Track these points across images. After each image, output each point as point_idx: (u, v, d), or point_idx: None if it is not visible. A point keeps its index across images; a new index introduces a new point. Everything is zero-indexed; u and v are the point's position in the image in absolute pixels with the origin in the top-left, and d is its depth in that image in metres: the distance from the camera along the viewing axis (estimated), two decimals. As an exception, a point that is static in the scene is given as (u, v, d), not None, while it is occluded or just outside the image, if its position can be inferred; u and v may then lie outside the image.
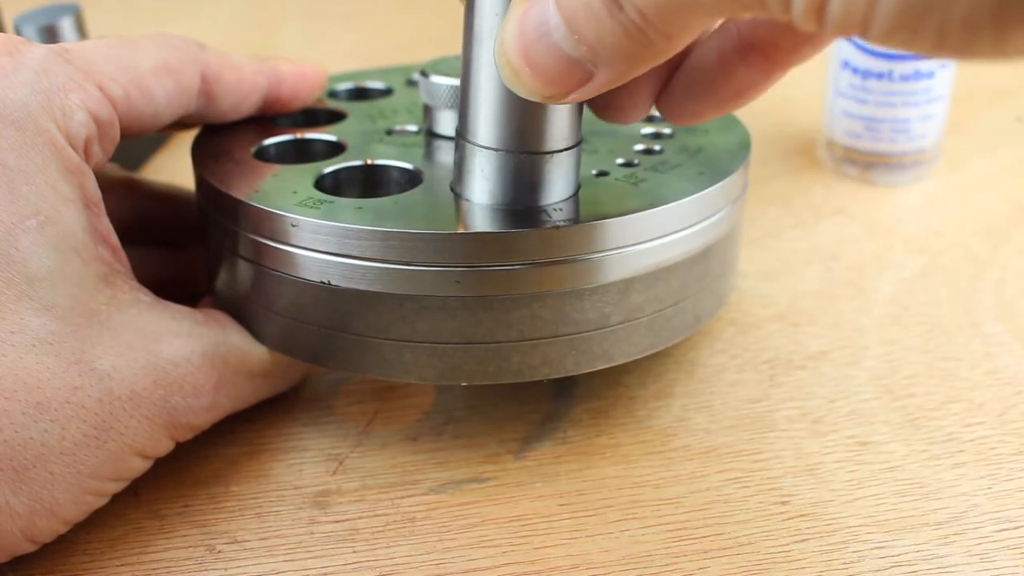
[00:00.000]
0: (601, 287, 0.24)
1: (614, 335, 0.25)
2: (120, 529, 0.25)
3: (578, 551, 0.24)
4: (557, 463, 0.27)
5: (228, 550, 0.25)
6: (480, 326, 0.24)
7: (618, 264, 0.24)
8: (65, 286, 0.23)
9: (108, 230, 0.25)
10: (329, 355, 0.26)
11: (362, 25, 0.68)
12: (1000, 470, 0.26)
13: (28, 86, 0.23)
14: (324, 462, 0.27)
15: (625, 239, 0.24)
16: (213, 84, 0.27)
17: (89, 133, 0.24)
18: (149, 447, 0.24)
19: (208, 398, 0.25)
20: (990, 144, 0.46)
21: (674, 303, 0.26)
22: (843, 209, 0.40)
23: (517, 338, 0.24)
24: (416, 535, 0.25)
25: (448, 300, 0.24)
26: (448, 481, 0.27)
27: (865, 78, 0.40)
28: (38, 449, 0.22)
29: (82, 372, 0.22)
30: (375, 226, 0.23)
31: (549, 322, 0.24)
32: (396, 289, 0.24)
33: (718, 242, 0.27)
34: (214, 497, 0.26)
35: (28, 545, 0.23)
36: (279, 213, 0.24)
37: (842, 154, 0.42)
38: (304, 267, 0.25)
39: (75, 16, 0.41)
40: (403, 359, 0.25)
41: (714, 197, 0.26)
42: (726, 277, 0.28)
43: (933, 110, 0.40)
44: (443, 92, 0.28)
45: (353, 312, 0.25)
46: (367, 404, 0.30)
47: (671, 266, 0.25)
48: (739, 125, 0.31)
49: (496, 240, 0.23)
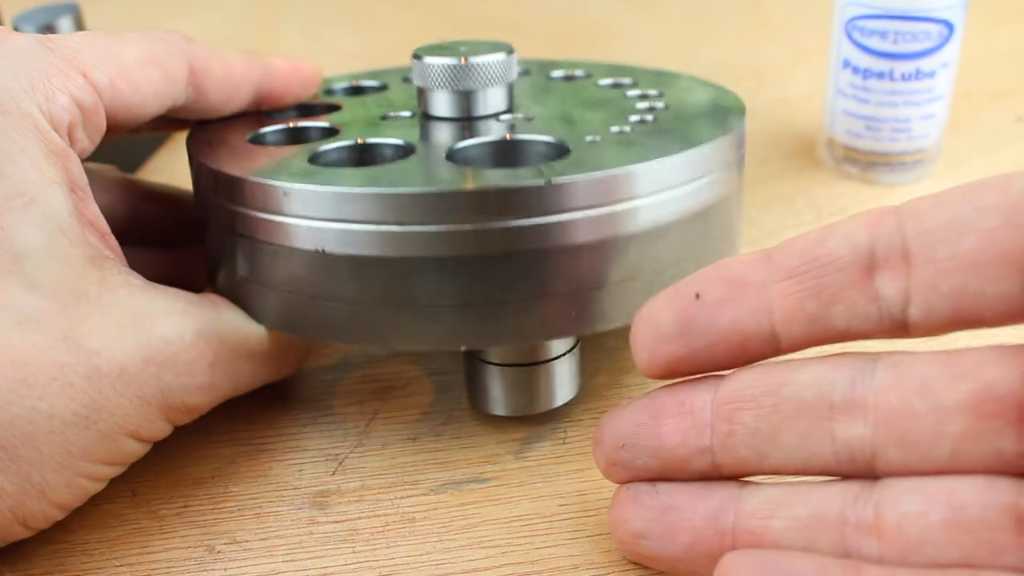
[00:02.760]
0: (599, 243, 0.24)
1: (613, 295, 0.25)
2: (119, 529, 0.25)
3: (578, 551, 0.24)
4: (557, 463, 0.27)
5: (227, 550, 0.25)
6: (477, 287, 0.24)
7: (615, 220, 0.24)
8: (52, 265, 0.22)
9: (96, 216, 0.25)
10: (326, 327, 0.25)
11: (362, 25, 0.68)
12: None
13: (10, 71, 0.23)
14: (324, 462, 0.27)
15: (620, 194, 0.24)
16: (201, 76, 0.27)
17: (72, 118, 0.24)
18: (143, 429, 0.24)
19: (203, 377, 0.24)
20: (990, 144, 0.46)
21: (674, 263, 0.26)
22: (844, 209, 0.40)
23: (515, 298, 0.24)
24: (416, 535, 0.25)
25: (444, 261, 0.23)
26: (448, 481, 0.27)
27: (866, 77, 0.40)
28: (25, 427, 0.21)
29: (70, 349, 0.22)
30: (367, 188, 0.23)
31: (547, 281, 0.24)
32: (390, 252, 0.24)
33: (716, 204, 0.27)
34: (213, 497, 0.26)
35: (21, 529, 0.23)
36: (270, 183, 0.24)
37: (843, 154, 0.42)
38: (297, 236, 0.24)
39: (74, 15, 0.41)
40: (400, 326, 0.24)
41: (709, 155, 0.26)
42: (727, 243, 0.28)
43: (934, 110, 0.40)
44: (436, 71, 0.28)
45: (348, 280, 0.24)
46: (367, 404, 0.30)
47: (669, 225, 0.25)
48: (732, 95, 0.30)
49: (493, 196, 0.23)
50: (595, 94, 0.32)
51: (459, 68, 0.28)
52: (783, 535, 0.20)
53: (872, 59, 0.39)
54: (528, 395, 0.27)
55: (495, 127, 0.28)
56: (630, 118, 0.28)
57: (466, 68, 0.28)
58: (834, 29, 0.41)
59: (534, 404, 0.27)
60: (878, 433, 0.20)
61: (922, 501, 0.19)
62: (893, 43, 0.39)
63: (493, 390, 0.27)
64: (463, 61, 0.28)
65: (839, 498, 0.20)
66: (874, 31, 0.39)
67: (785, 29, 0.64)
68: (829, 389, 0.20)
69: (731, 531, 0.21)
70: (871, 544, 0.19)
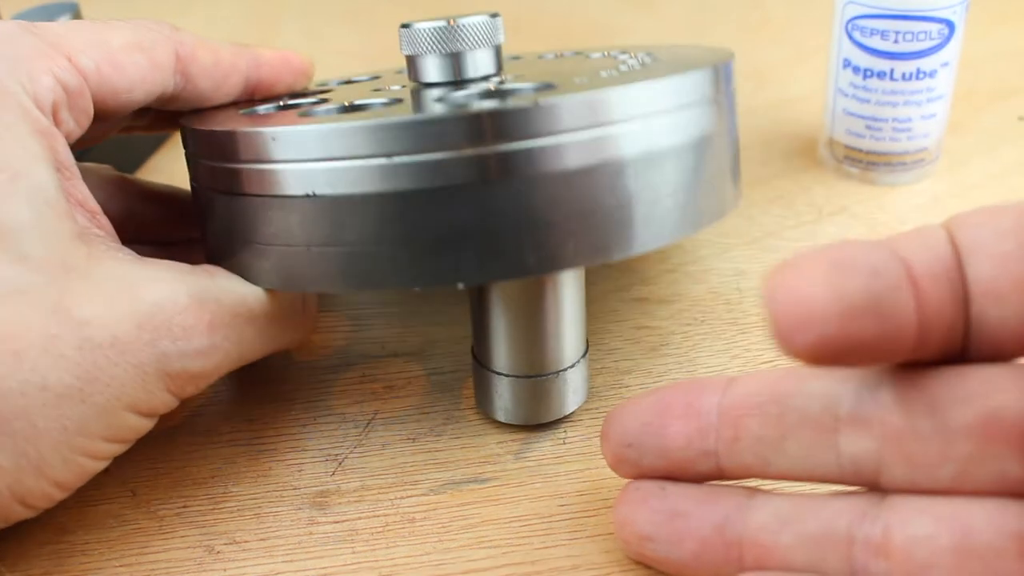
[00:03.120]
0: (592, 168, 0.24)
1: (610, 224, 0.24)
2: (119, 530, 0.25)
3: (578, 551, 0.24)
4: (557, 463, 0.27)
5: (227, 551, 0.24)
6: (471, 217, 0.23)
7: (606, 144, 0.24)
8: (39, 238, 0.22)
9: (85, 196, 0.24)
10: (322, 277, 0.25)
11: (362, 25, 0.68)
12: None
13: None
14: (324, 462, 0.27)
15: (609, 116, 0.24)
16: (189, 63, 0.27)
17: (57, 98, 0.24)
18: (142, 400, 0.23)
19: (202, 340, 0.24)
20: (990, 144, 0.46)
21: (670, 194, 0.25)
22: (845, 209, 0.40)
23: (510, 228, 0.24)
24: (416, 535, 0.25)
25: (435, 192, 0.23)
26: (448, 481, 0.26)
27: (866, 77, 0.40)
28: (18, 400, 0.21)
29: (60, 321, 0.22)
30: (355, 123, 0.23)
31: (542, 209, 0.24)
32: (381, 187, 0.23)
33: (707, 138, 0.26)
34: (213, 497, 0.26)
35: (20, 508, 0.22)
36: (258, 131, 0.24)
37: (843, 153, 0.42)
38: (287, 182, 0.24)
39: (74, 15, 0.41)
40: (396, 266, 0.24)
41: (695, 83, 0.26)
42: (725, 179, 0.28)
43: (934, 109, 0.40)
44: (424, 35, 0.28)
45: (341, 222, 0.24)
46: (367, 404, 0.30)
47: (661, 151, 0.25)
48: (720, 48, 0.31)
49: (482, 119, 0.23)
50: (585, 60, 0.32)
51: (446, 30, 0.28)
52: (791, 551, 0.20)
53: (872, 59, 0.39)
54: (538, 405, 0.28)
55: (485, 87, 0.28)
56: (620, 68, 0.28)
57: (453, 30, 0.28)
58: (834, 29, 0.41)
59: (542, 414, 0.28)
60: (884, 450, 0.20)
61: (931, 524, 0.19)
62: (893, 43, 0.39)
63: (501, 399, 0.28)
64: (450, 23, 0.28)
65: (847, 515, 0.20)
66: (875, 31, 0.39)
67: (785, 29, 0.64)
68: (835, 402, 0.20)
69: (739, 543, 0.21)
70: (879, 565, 0.19)
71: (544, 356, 0.27)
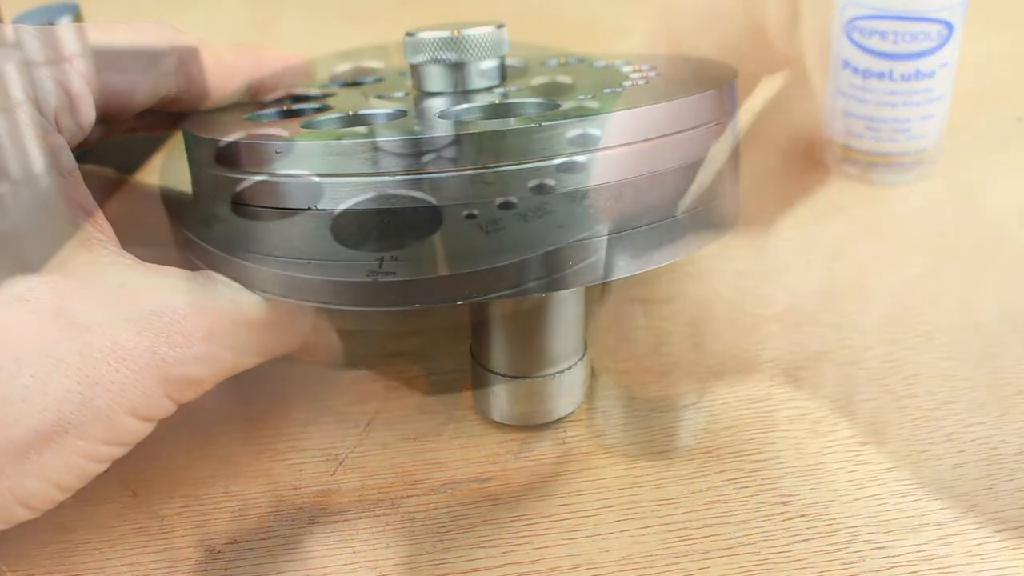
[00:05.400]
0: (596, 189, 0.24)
1: (612, 244, 0.24)
2: (120, 529, 0.25)
3: (578, 551, 0.24)
4: (557, 463, 0.27)
5: (228, 550, 0.24)
6: (475, 235, 0.23)
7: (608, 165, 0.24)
8: (40, 244, 0.23)
9: (86, 199, 0.25)
10: (322, 290, 0.25)
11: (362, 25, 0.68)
12: (1000, 470, 0.26)
13: None
14: (324, 462, 0.27)
15: (615, 138, 0.24)
16: (190, 64, 0.28)
17: (59, 103, 0.24)
18: (142, 405, 0.23)
19: (201, 347, 0.24)
20: (990, 144, 0.46)
21: (672, 214, 0.25)
22: (843, 209, 0.40)
23: (513, 248, 0.23)
24: (416, 535, 0.25)
25: (438, 211, 0.23)
26: (448, 481, 0.27)
27: (865, 78, 0.40)
28: (19, 405, 0.21)
29: (61, 327, 0.22)
30: (358, 139, 0.23)
31: (546, 228, 0.24)
32: (384, 203, 0.23)
33: (711, 158, 0.26)
34: (213, 497, 0.26)
35: (23, 510, 0.22)
36: (262, 143, 0.24)
37: (843, 154, 0.42)
38: (289, 195, 0.24)
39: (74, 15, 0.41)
40: (396, 281, 0.24)
41: (698, 106, 0.26)
42: (727, 197, 0.28)
43: (934, 110, 0.40)
44: (428, 45, 0.28)
45: (342, 236, 0.24)
46: (367, 404, 0.30)
47: (664, 173, 0.25)
48: (723, 64, 0.31)
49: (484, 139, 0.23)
50: (589, 70, 0.32)
51: (451, 40, 0.28)
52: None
53: (872, 59, 0.39)
54: (535, 406, 0.28)
55: (489, 99, 0.28)
56: (624, 83, 0.28)
57: (458, 41, 0.28)
58: (834, 29, 0.41)
59: (540, 415, 0.28)
60: None
61: None
62: (893, 43, 0.39)
63: (499, 400, 0.28)
64: (455, 33, 0.28)
65: None
66: (874, 31, 0.39)
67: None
68: None
69: None
70: None
71: (543, 357, 0.27)
